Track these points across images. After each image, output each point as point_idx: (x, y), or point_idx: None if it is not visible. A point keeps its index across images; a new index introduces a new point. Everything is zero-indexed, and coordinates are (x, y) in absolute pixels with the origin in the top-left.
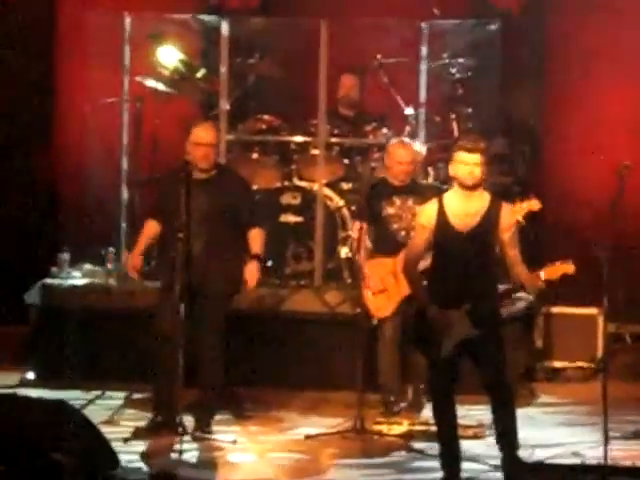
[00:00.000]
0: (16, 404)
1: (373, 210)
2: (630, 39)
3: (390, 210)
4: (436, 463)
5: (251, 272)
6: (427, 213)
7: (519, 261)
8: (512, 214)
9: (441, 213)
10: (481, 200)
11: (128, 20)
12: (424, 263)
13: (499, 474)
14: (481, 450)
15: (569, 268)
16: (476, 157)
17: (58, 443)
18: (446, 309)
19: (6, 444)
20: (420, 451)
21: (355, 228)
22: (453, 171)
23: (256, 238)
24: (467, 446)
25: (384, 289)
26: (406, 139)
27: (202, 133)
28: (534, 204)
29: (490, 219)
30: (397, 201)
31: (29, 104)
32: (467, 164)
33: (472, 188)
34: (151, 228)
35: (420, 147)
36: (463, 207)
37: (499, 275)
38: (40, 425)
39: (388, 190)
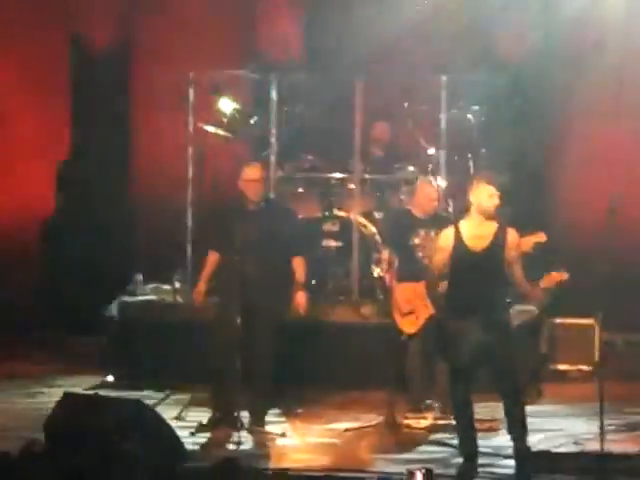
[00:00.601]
0: (98, 403)
1: (400, 240)
2: (622, 88)
3: (415, 240)
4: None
5: (301, 299)
6: (445, 236)
7: (523, 277)
8: (516, 237)
9: (457, 236)
10: (491, 225)
11: (192, 76)
12: (442, 287)
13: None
14: (496, 441)
15: (563, 276)
16: (496, 190)
17: (134, 436)
18: (462, 319)
19: (90, 438)
20: (445, 443)
21: (388, 255)
22: (475, 198)
23: (299, 266)
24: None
25: (412, 310)
26: (431, 177)
27: (250, 171)
28: (540, 237)
29: (499, 241)
30: (421, 232)
31: (111, 149)
32: (492, 196)
33: (489, 214)
34: (213, 259)
35: (441, 182)
36: (476, 231)
37: (508, 290)
38: (119, 421)
39: (413, 222)
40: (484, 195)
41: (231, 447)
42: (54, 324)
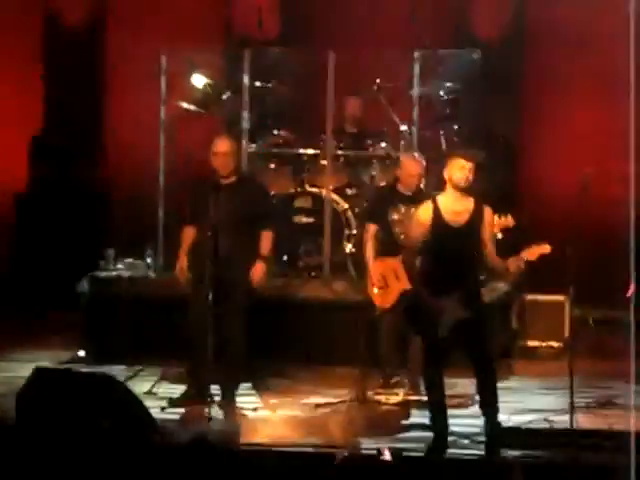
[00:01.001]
0: (70, 378)
1: (380, 214)
2: (595, 67)
3: (395, 215)
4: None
5: (256, 271)
6: (424, 211)
7: (495, 255)
8: (492, 216)
9: (436, 211)
10: (468, 201)
11: (164, 53)
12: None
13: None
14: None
15: (545, 248)
16: (471, 165)
17: (106, 411)
18: (440, 295)
19: (61, 412)
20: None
21: (367, 231)
22: (449, 174)
23: (266, 239)
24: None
25: (386, 285)
26: (416, 154)
27: (219, 144)
28: (509, 221)
29: (476, 217)
30: (402, 208)
31: (84, 123)
32: (463, 169)
33: (464, 190)
34: (189, 234)
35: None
36: (454, 206)
37: (481, 267)
38: (90, 396)
39: (396, 197)
40: (456, 169)
41: (202, 422)
42: (27, 298)
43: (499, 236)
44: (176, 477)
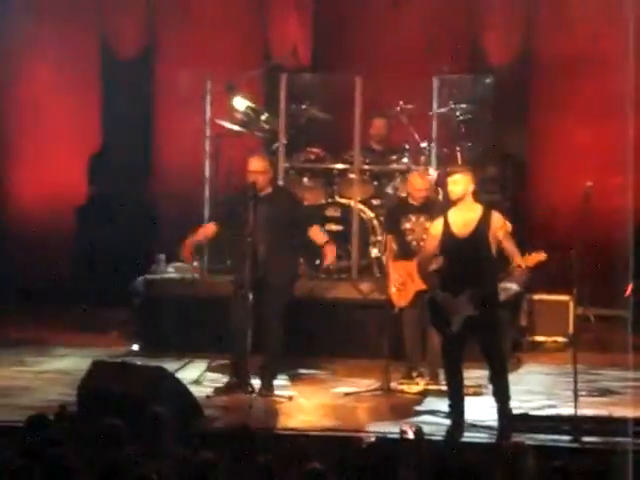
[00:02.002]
0: (125, 370)
1: (394, 224)
2: (595, 89)
3: (407, 225)
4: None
5: (328, 252)
6: (435, 226)
7: (516, 251)
8: (500, 219)
9: (446, 224)
10: (475, 211)
11: (208, 77)
12: (435, 264)
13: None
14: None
15: (541, 256)
16: (455, 177)
17: (157, 399)
18: (453, 295)
19: (118, 400)
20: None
21: (384, 238)
22: (447, 188)
23: (315, 233)
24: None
25: (402, 285)
26: (422, 170)
27: (254, 163)
28: (542, 256)
29: (482, 225)
30: (412, 218)
31: (136, 142)
32: (452, 183)
33: (457, 201)
34: (210, 228)
35: (433, 172)
36: (461, 218)
37: (495, 268)
38: (144, 385)
39: (407, 209)
40: (449, 184)
41: (244, 409)
42: (88, 298)
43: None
44: (219, 460)
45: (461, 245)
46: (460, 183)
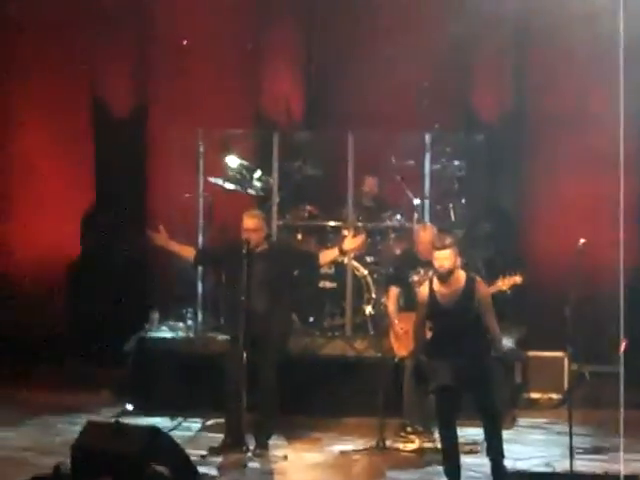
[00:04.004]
0: (119, 430)
1: (402, 276)
2: (585, 145)
3: (415, 277)
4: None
5: (358, 239)
6: (421, 294)
7: (494, 326)
8: (485, 287)
9: (432, 293)
10: (459, 281)
11: (201, 135)
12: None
13: None
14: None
15: (516, 280)
16: (445, 253)
17: (152, 458)
18: (437, 361)
19: (113, 460)
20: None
21: (392, 291)
22: (433, 258)
23: (325, 256)
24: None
25: (406, 334)
26: (428, 224)
27: (248, 221)
28: (518, 279)
29: (467, 295)
30: (421, 271)
31: (129, 199)
32: (438, 259)
33: (445, 275)
34: (189, 250)
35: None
36: (447, 289)
37: (482, 333)
38: (138, 445)
39: (415, 262)
40: (436, 261)
41: (239, 469)
42: (79, 357)
43: (508, 292)
44: None
45: (446, 315)
46: (450, 258)
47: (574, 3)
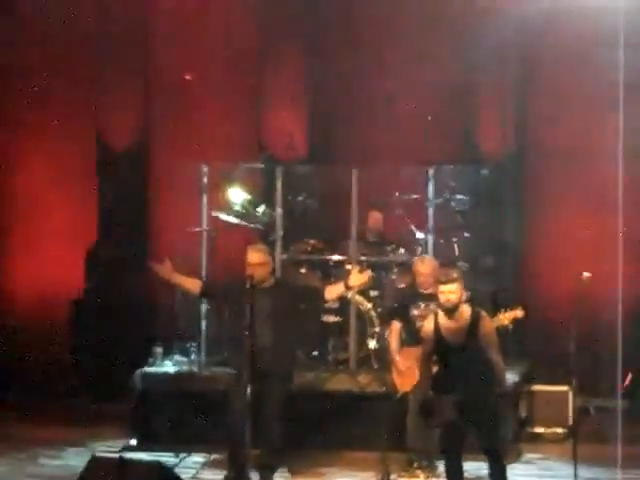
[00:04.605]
0: (123, 465)
1: (403, 311)
2: (589, 183)
3: (416, 312)
4: None
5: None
6: (426, 329)
7: (499, 362)
8: (489, 323)
9: (437, 329)
10: (464, 316)
11: (205, 169)
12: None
13: None
14: None
15: (518, 313)
16: (451, 287)
17: None
18: (442, 395)
19: None
20: None
21: (394, 326)
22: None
23: (330, 291)
24: None
25: (407, 370)
26: (427, 256)
27: (253, 256)
28: (519, 312)
29: (473, 331)
30: (422, 305)
31: (132, 235)
32: (444, 293)
33: (451, 310)
34: (194, 283)
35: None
36: (452, 324)
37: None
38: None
39: (416, 297)
40: (441, 295)
41: None
42: (83, 393)
43: (509, 326)
44: None
45: (451, 349)
46: (457, 292)
47: (575, 42)
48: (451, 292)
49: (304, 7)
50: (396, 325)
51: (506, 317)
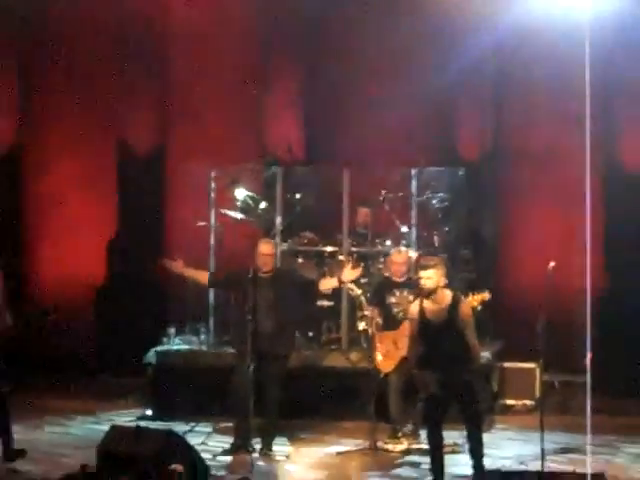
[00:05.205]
0: (139, 433)
1: (381, 299)
2: (557, 183)
3: (392, 299)
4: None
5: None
6: (412, 311)
7: (474, 342)
8: (467, 306)
9: (421, 310)
10: (445, 299)
11: (213, 170)
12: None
13: None
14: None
15: (485, 296)
16: (428, 273)
17: (170, 459)
18: (427, 372)
19: (134, 460)
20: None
21: (371, 312)
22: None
23: (325, 283)
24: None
25: (387, 353)
26: (402, 248)
27: (264, 247)
28: (486, 296)
29: (452, 313)
30: (397, 293)
31: (149, 228)
32: (422, 278)
33: (429, 293)
34: (203, 275)
35: (412, 253)
36: (434, 307)
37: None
38: (156, 446)
39: (391, 285)
40: (421, 280)
41: (246, 468)
42: (105, 368)
43: (479, 308)
44: None
45: (434, 330)
46: (433, 277)
47: (544, 58)
48: (428, 277)
49: (302, 27)
50: (374, 312)
51: (475, 299)
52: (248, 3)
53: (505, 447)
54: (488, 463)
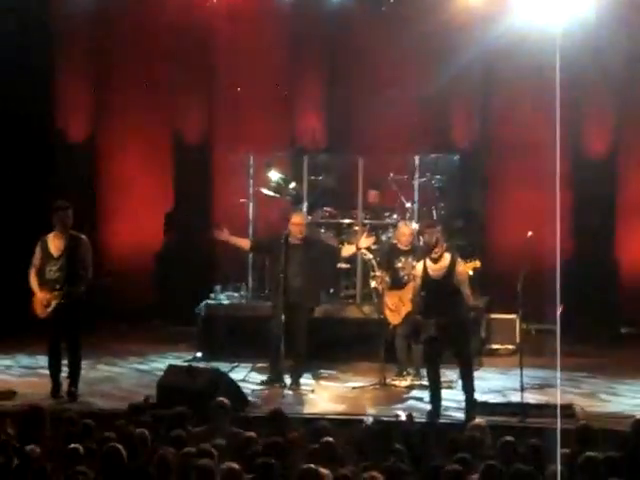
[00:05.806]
0: (191, 371)
1: (389, 263)
2: (534, 168)
3: (399, 264)
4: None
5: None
6: (418, 268)
7: (469, 295)
8: (462, 266)
9: (425, 268)
10: (444, 260)
11: (251, 156)
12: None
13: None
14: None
15: (476, 264)
16: (431, 229)
17: (216, 392)
18: (427, 319)
19: (187, 394)
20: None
21: (381, 273)
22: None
23: (347, 250)
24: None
25: (395, 307)
26: (408, 222)
27: (297, 217)
28: (477, 264)
29: (450, 271)
30: (402, 258)
31: (200, 204)
32: (425, 234)
33: (432, 248)
34: (245, 242)
35: (415, 225)
36: (436, 265)
37: (461, 299)
38: (205, 382)
39: (397, 252)
40: (424, 236)
41: (279, 399)
42: (164, 318)
43: (470, 273)
44: (260, 438)
45: (435, 285)
46: (434, 233)
47: (525, 59)
48: (431, 233)
49: (326, 35)
50: (383, 274)
51: (467, 267)
52: (279, 19)
53: (491, 383)
54: (477, 396)
